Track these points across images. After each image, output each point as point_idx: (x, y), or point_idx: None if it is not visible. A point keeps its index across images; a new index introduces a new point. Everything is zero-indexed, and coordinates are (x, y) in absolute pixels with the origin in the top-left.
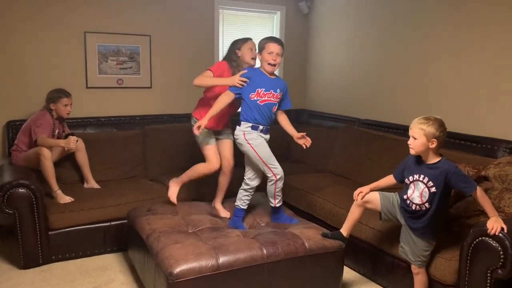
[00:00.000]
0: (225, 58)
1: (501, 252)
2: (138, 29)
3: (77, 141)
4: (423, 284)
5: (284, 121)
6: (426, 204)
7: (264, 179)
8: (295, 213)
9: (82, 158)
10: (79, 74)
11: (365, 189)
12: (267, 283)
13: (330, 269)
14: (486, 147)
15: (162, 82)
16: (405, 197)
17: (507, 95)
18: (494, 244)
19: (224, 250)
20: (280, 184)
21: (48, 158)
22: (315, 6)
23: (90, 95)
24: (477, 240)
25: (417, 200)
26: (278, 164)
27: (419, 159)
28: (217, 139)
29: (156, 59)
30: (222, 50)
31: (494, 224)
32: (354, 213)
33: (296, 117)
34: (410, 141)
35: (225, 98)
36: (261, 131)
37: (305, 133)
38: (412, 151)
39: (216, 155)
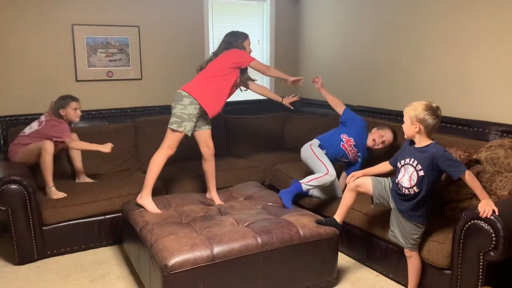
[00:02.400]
0: (235, 47)
1: (493, 235)
2: (126, 20)
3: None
4: (417, 267)
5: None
6: (415, 188)
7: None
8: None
9: (76, 152)
10: (68, 67)
11: (358, 173)
12: (263, 272)
13: (325, 256)
14: (478, 130)
15: (152, 73)
16: (396, 180)
17: (497, 78)
18: (486, 227)
19: (218, 240)
20: (324, 180)
21: (50, 152)
22: None
23: (80, 89)
24: (469, 223)
25: (406, 183)
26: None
27: (412, 143)
28: (196, 129)
29: (145, 50)
30: (212, 40)
31: (486, 207)
32: (346, 198)
33: None
34: (403, 125)
35: None
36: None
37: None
38: (405, 135)
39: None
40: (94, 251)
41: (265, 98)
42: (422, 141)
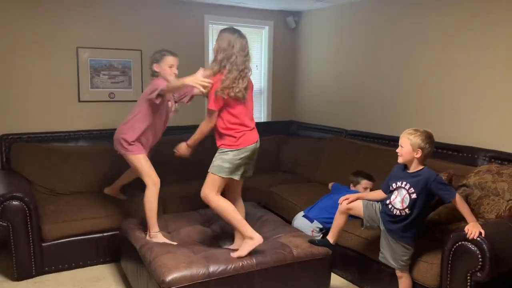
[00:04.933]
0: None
1: (479, 256)
2: (129, 44)
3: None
4: (407, 287)
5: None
6: (406, 210)
7: None
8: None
9: (132, 171)
10: (72, 88)
11: (352, 196)
12: None
13: (318, 276)
14: (467, 155)
15: None
16: (387, 202)
17: (486, 107)
18: (473, 248)
19: (214, 259)
20: None
21: (158, 186)
22: (302, 21)
23: (82, 109)
24: (457, 244)
25: (398, 205)
26: None
27: (404, 168)
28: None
29: (147, 73)
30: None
31: (473, 229)
32: (338, 220)
33: (285, 129)
34: (399, 149)
35: None
36: None
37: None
38: (400, 159)
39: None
40: (91, 268)
41: (262, 121)
42: (416, 166)
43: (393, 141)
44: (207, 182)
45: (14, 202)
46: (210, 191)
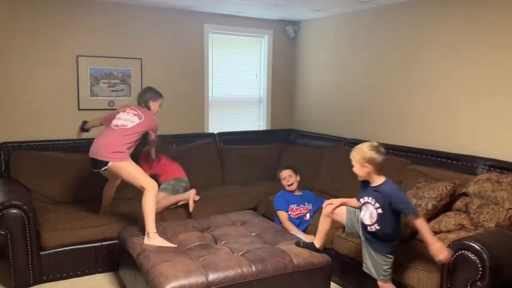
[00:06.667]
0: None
1: (479, 265)
2: (129, 52)
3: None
4: None
5: None
6: (376, 225)
7: None
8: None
9: (111, 188)
10: (71, 96)
11: (336, 202)
12: None
13: (318, 285)
14: (466, 164)
15: None
16: (360, 217)
17: (485, 115)
18: (473, 258)
19: (213, 268)
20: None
21: (156, 187)
22: (301, 30)
23: (82, 117)
24: (457, 253)
25: (367, 221)
26: None
27: (367, 182)
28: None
29: (147, 81)
30: (212, 73)
31: (439, 253)
32: (323, 224)
33: (284, 137)
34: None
35: None
36: None
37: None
38: (359, 178)
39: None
40: (89, 277)
41: (261, 130)
42: (375, 180)
43: (392, 150)
44: None
45: (12, 211)
46: None
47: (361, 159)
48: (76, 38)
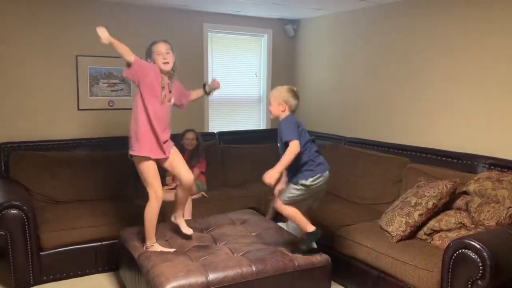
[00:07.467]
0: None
1: (480, 264)
2: None
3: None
4: (291, 216)
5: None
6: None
7: None
8: None
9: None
10: (71, 96)
11: (272, 180)
12: None
13: (318, 284)
14: (467, 163)
15: None
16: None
17: (485, 114)
18: (473, 256)
19: (213, 268)
20: None
21: (160, 202)
22: (301, 29)
23: (82, 117)
24: (457, 252)
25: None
26: None
27: None
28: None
29: None
30: (212, 72)
31: (266, 176)
32: (292, 213)
33: None
34: (270, 107)
35: None
36: None
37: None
38: (271, 115)
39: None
40: (89, 277)
41: (261, 129)
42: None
43: (393, 149)
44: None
45: (12, 211)
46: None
47: (279, 97)
48: (75, 37)
